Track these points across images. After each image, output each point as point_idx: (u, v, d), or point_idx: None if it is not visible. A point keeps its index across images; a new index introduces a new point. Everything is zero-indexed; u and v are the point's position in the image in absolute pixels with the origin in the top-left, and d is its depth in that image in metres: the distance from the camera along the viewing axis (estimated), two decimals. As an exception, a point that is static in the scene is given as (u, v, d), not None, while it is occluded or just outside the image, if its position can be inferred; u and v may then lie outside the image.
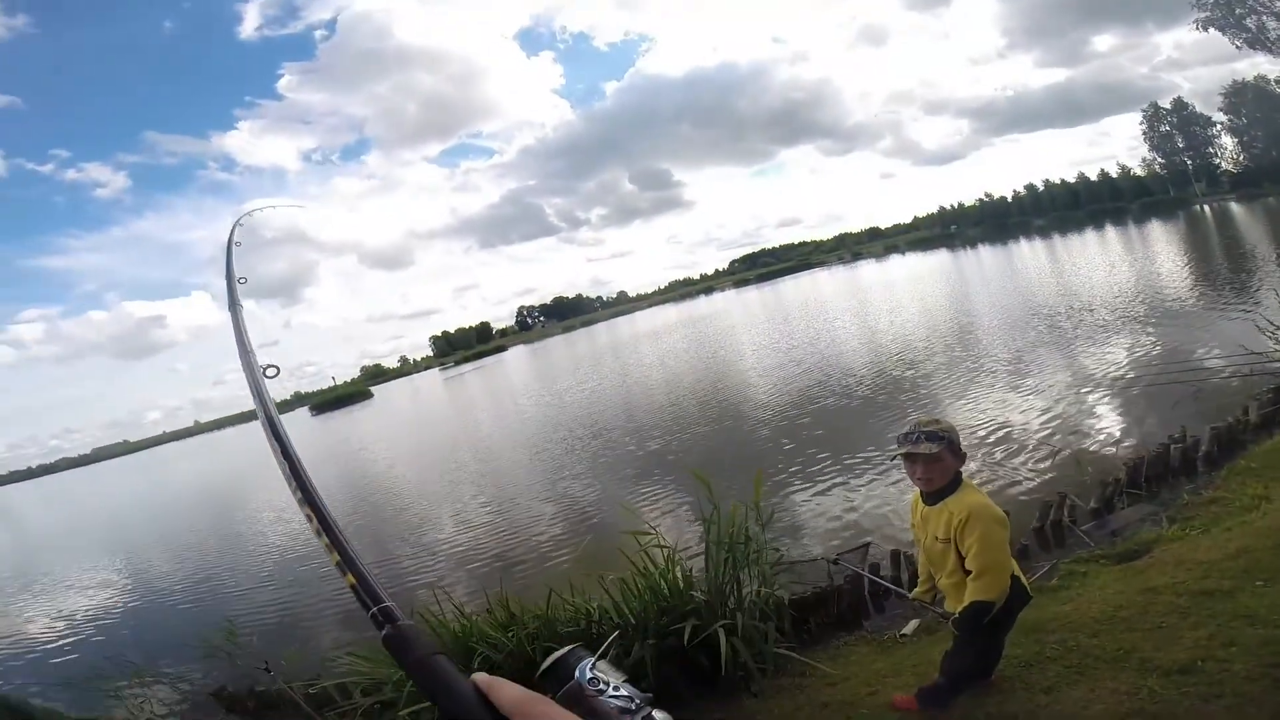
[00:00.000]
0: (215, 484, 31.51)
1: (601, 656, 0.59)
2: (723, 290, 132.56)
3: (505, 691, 0.53)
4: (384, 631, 0.60)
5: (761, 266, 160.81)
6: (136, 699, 6.20)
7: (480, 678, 0.55)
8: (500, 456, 16.42)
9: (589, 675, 0.56)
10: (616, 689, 0.55)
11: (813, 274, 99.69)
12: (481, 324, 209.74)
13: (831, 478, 8.10)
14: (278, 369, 1.06)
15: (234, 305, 1.55)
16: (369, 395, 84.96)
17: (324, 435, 41.78)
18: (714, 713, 3.44)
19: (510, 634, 3.98)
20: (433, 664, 0.56)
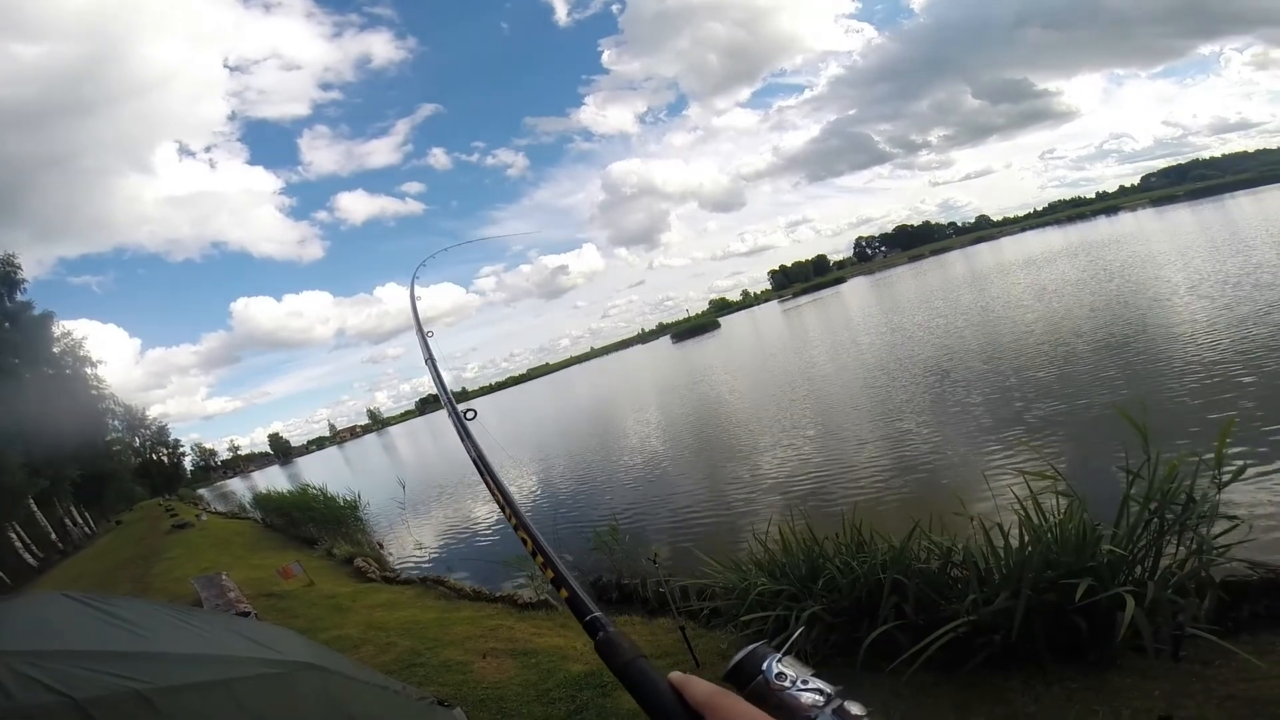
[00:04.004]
0: (604, 400, 38.09)
1: (787, 652, 0.59)
2: (1133, 210, 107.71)
3: (696, 688, 0.56)
4: (597, 637, 0.67)
5: (1195, 181, 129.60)
6: (535, 579, 7.51)
7: (675, 676, 0.58)
8: (841, 391, 16.11)
9: (775, 670, 0.56)
10: (805, 682, 0.55)
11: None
12: (817, 257, 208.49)
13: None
14: (475, 412, 1.19)
15: (428, 359, 1.58)
16: (717, 325, 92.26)
17: (681, 361, 47.60)
18: (1075, 680, 3.10)
19: (862, 560, 3.95)
20: (636, 665, 0.61)
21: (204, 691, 2.22)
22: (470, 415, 1.20)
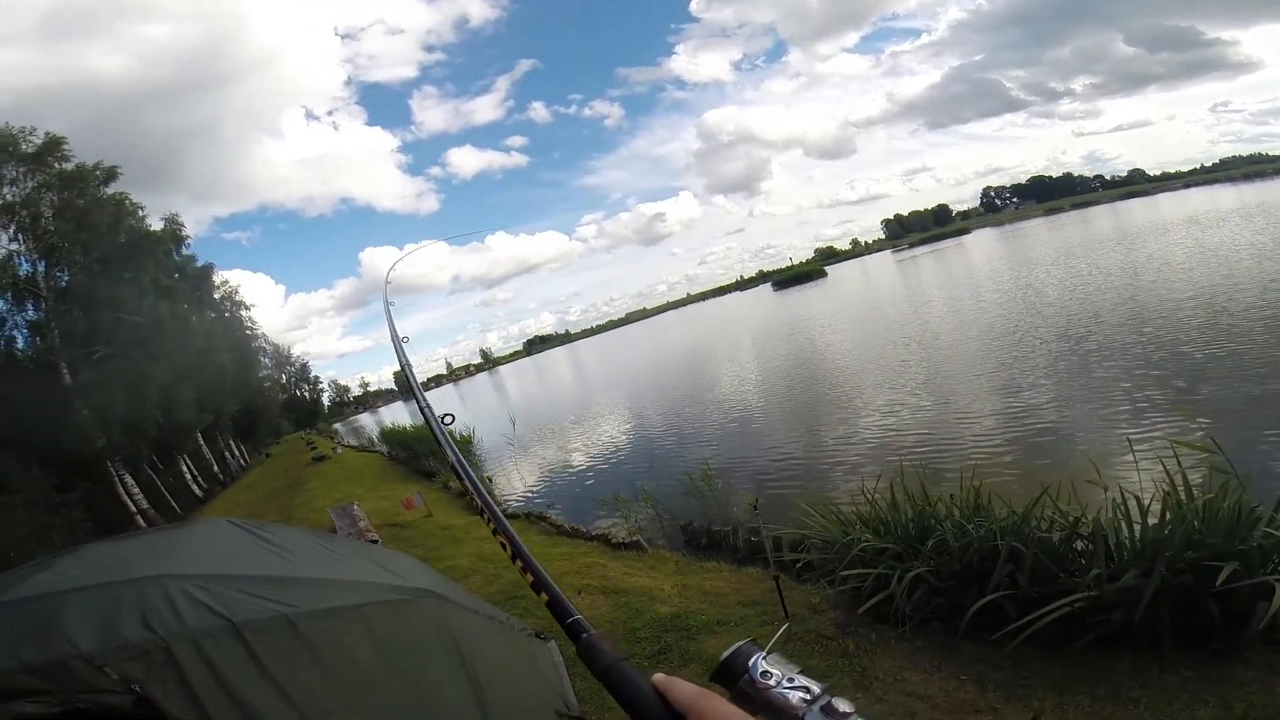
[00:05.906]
0: (699, 346, 38.04)
1: (772, 650, 0.59)
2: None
3: (679, 690, 0.55)
4: (581, 639, 0.66)
5: None
6: (630, 517, 7.90)
7: (659, 679, 0.57)
8: (959, 349, 15.18)
9: (760, 669, 0.56)
10: (791, 680, 0.54)
11: None
12: (938, 206, 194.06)
13: None
14: (453, 416, 1.23)
15: (405, 365, 1.54)
16: (824, 274, 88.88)
17: (781, 309, 46.66)
18: (1191, 668, 2.88)
19: (978, 525, 3.75)
20: (619, 669, 0.60)
21: (340, 616, 2.44)
22: (448, 420, 1.23)
